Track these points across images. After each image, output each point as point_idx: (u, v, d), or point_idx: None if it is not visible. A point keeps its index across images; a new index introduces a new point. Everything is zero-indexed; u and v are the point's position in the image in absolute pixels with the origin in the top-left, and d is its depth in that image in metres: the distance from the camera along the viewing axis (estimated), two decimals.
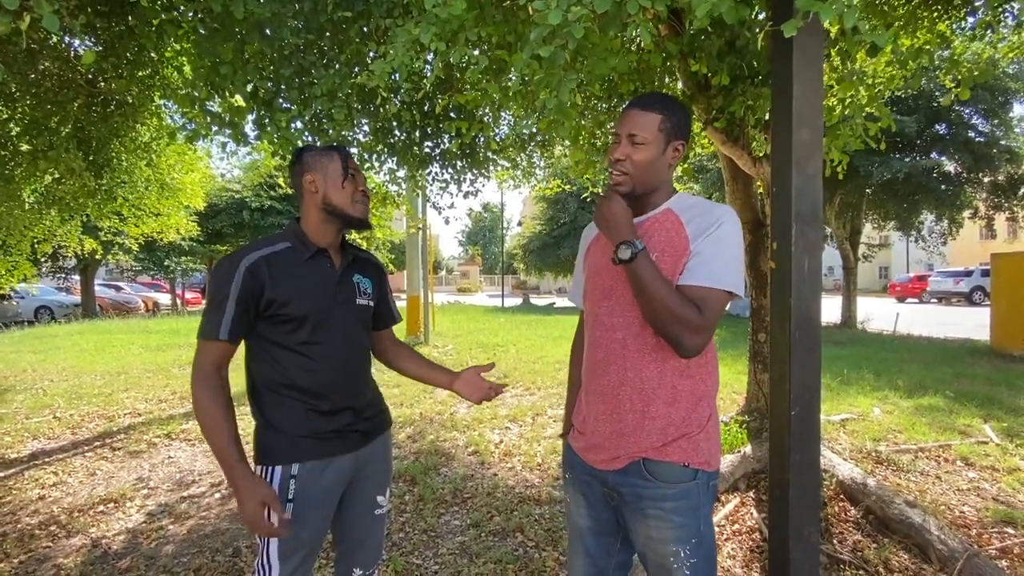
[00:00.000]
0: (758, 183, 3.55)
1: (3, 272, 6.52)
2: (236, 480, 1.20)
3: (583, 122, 3.34)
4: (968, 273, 20.16)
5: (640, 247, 1.10)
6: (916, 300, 22.38)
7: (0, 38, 2.00)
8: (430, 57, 2.29)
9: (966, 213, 12.10)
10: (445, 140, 3.55)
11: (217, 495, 3.24)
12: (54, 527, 2.82)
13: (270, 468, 1.28)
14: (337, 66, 2.50)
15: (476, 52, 1.64)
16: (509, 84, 2.28)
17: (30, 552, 2.58)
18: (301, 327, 1.29)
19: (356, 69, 2.52)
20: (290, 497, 1.27)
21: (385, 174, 3.80)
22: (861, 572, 2.29)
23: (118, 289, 20.75)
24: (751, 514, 2.78)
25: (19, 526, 2.83)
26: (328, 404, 1.32)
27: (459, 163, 3.81)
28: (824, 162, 2.66)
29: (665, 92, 1.38)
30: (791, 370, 1.40)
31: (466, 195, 4.36)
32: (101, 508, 3.05)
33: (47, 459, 3.85)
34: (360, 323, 1.43)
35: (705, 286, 1.11)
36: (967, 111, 10.37)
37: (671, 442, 1.14)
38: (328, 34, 2.48)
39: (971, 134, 10.37)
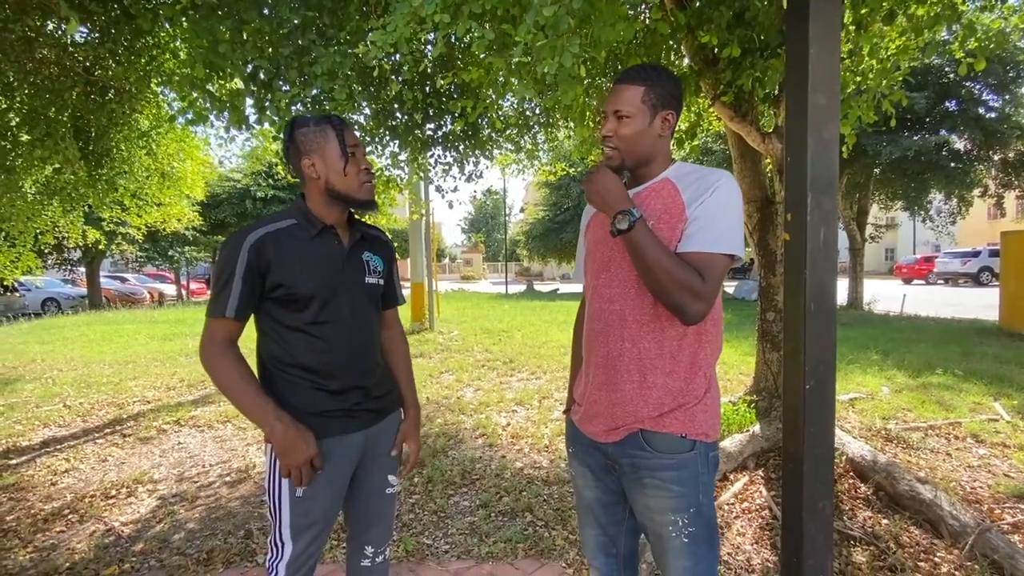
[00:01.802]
0: (767, 160, 3.49)
1: (7, 264, 6.53)
2: (278, 434, 1.20)
3: (587, 99, 3.27)
4: (976, 254, 19.95)
5: (637, 215, 1.10)
6: (923, 281, 22.23)
7: None
8: (431, 36, 2.24)
9: (976, 191, 11.91)
10: (447, 122, 3.50)
11: (228, 479, 3.26)
12: (67, 512, 2.85)
13: None
14: (337, 45, 2.45)
15: (480, 32, 1.59)
16: (513, 61, 2.23)
17: (45, 537, 2.61)
18: (308, 306, 1.27)
19: (356, 48, 2.46)
20: None
21: (387, 158, 3.75)
22: (872, 548, 2.29)
23: (123, 280, 20.84)
24: (760, 492, 2.78)
25: (32, 512, 2.86)
26: (337, 383, 1.31)
27: (462, 145, 3.76)
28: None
29: (654, 64, 1.32)
30: (806, 343, 1.37)
31: (469, 178, 4.30)
32: (113, 493, 3.08)
33: (58, 446, 3.88)
34: (369, 302, 1.40)
35: (705, 251, 1.10)
36: (977, 87, 10.14)
37: (668, 412, 1.14)
38: (327, 11, 2.43)
39: (981, 110, 10.15)
